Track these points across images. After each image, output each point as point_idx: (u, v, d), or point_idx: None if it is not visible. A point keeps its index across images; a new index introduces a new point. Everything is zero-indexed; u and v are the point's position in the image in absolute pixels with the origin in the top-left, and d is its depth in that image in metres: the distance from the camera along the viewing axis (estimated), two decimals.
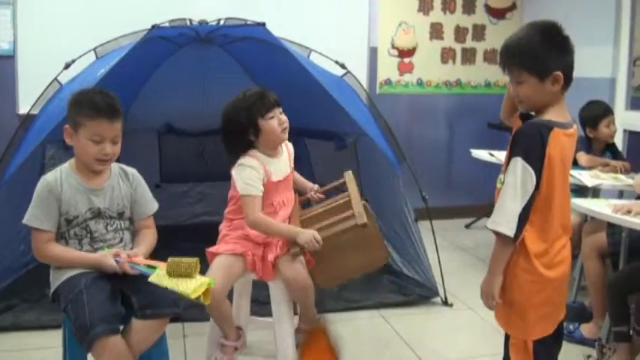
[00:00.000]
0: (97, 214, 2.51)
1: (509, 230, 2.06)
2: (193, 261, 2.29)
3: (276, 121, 2.82)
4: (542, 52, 2.07)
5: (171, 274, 2.28)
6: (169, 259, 2.31)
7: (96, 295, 2.31)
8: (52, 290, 2.48)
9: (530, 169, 2.03)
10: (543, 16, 2.14)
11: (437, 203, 4.52)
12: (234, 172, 2.83)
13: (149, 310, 2.34)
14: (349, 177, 3.09)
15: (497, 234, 2.10)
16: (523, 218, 2.06)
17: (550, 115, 2.10)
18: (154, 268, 2.37)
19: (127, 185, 2.61)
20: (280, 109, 2.86)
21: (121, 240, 2.57)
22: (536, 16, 2.18)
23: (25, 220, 2.45)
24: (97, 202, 2.51)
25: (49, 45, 4.82)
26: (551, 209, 2.12)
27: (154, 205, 2.69)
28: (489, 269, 2.17)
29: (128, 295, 2.42)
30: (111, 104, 2.45)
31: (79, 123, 2.42)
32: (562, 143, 2.09)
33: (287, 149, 3.01)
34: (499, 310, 2.23)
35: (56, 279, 2.46)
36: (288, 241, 2.80)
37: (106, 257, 2.40)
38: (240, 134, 2.83)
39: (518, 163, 2.05)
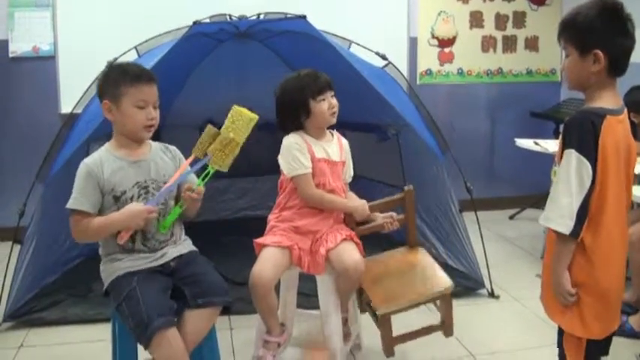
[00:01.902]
0: (144, 187, 2.51)
1: (563, 227, 1.99)
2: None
3: (327, 104, 2.85)
4: (589, 27, 1.99)
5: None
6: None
7: (149, 290, 2.33)
8: (105, 287, 2.48)
9: (585, 160, 1.96)
10: (585, 1, 2.06)
11: (480, 194, 4.46)
12: (280, 157, 2.88)
13: (201, 299, 2.36)
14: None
15: (555, 232, 2.03)
16: (582, 214, 1.98)
17: (600, 102, 2.03)
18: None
19: (170, 157, 2.65)
20: (332, 93, 2.89)
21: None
22: (577, 1, 2.11)
23: (68, 205, 2.42)
24: (142, 175, 2.51)
25: (89, 45, 4.88)
26: (604, 204, 2.02)
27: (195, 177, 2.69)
28: (553, 270, 2.10)
29: (178, 288, 2.44)
30: (145, 69, 2.53)
31: (121, 93, 2.44)
32: (616, 132, 2.00)
33: (339, 141, 3.02)
34: (552, 303, 2.16)
35: (107, 276, 2.47)
36: (339, 230, 2.86)
37: (133, 205, 2.41)
38: (291, 113, 2.88)
39: (572, 155, 1.97)
